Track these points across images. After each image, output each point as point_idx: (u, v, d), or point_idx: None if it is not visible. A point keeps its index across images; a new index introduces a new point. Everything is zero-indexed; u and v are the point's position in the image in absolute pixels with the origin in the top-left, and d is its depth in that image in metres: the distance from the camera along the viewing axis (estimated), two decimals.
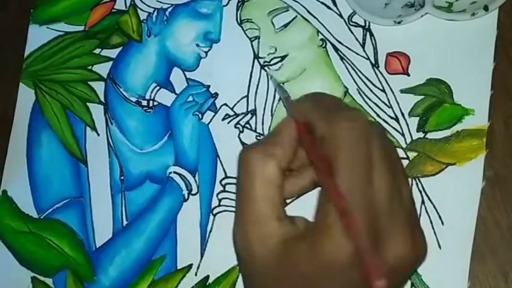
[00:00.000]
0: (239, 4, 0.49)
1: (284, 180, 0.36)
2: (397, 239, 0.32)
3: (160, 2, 0.50)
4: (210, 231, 0.45)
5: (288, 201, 0.37)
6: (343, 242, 0.31)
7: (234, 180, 0.46)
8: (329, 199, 0.32)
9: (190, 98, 0.48)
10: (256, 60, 0.48)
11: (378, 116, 0.45)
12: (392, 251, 0.32)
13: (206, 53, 0.49)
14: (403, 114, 0.44)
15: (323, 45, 0.47)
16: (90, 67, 0.51)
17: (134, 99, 0.49)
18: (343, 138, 0.33)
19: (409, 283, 0.41)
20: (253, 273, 0.36)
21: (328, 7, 0.47)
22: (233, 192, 0.46)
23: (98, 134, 0.49)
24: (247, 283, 0.38)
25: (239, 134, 0.47)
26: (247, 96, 0.47)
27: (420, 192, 0.43)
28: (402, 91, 0.45)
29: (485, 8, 0.43)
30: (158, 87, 0.49)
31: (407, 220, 0.33)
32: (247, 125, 0.47)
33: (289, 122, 0.37)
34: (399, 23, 0.44)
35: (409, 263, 0.33)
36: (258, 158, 0.35)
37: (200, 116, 0.47)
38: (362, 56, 0.46)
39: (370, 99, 0.45)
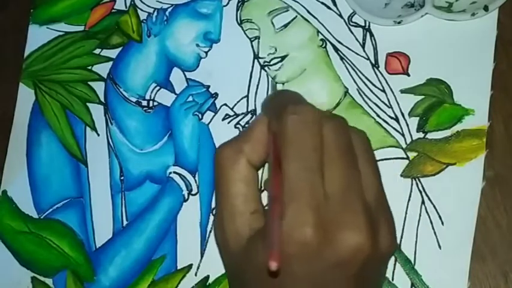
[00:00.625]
0: (239, 4, 0.49)
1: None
2: (351, 229, 0.32)
3: (160, 2, 0.50)
4: (210, 231, 0.45)
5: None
6: (289, 231, 0.32)
7: None
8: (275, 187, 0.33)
9: (190, 98, 0.48)
10: (256, 60, 0.48)
11: (378, 116, 0.45)
12: (344, 240, 0.32)
13: (206, 53, 0.49)
14: (403, 114, 0.44)
15: (323, 45, 0.47)
16: (90, 67, 0.51)
17: (134, 100, 0.49)
18: (287, 131, 0.34)
19: (409, 283, 0.41)
20: (230, 267, 0.38)
21: (328, 7, 0.47)
22: None
23: (98, 134, 0.49)
24: (229, 279, 0.39)
25: None
26: (247, 96, 0.47)
27: (420, 192, 0.43)
28: (402, 91, 0.45)
29: (485, 8, 0.43)
30: (158, 87, 0.49)
31: (365, 212, 0.33)
32: (247, 125, 0.47)
33: (261, 118, 0.38)
34: (399, 23, 0.44)
35: (366, 255, 0.33)
36: (229, 155, 0.36)
37: (200, 116, 0.47)
38: (362, 56, 0.46)
39: (370, 99, 0.45)
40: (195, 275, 0.45)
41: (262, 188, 0.42)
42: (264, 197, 0.37)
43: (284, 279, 0.33)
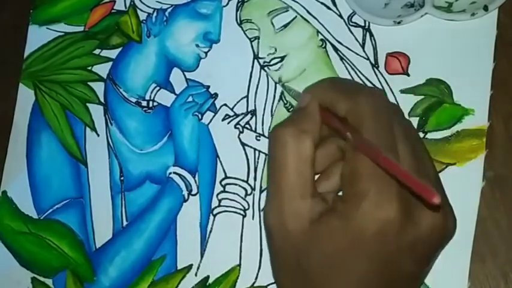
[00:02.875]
0: (239, 4, 0.49)
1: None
2: (426, 208, 0.33)
3: (160, 3, 0.50)
4: (210, 232, 0.45)
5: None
6: (372, 209, 0.31)
7: (234, 181, 0.46)
8: (355, 168, 0.33)
9: (190, 99, 0.48)
10: (256, 60, 0.48)
11: None
12: (425, 218, 0.33)
13: (206, 53, 0.49)
14: None
15: (323, 46, 0.47)
16: (89, 68, 0.51)
17: (134, 100, 0.49)
18: (365, 109, 0.33)
19: None
20: (286, 250, 0.35)
21: (328, 7, 0.47)
22: (233, 193, 0.46)
23: (98, 135, 0.49)
24: (278, 261, 0.37)
25: (239, 135, 0.47)
26: (247, 96, 0.47)
27: None
28: (402, 91, 0.45)
29: (485, 8, 0.43)
30: (158, 88, 0.49)
31: (438, 190, 0.32)
32: (247, 126, 0.47)
33: (311, 99, 0.37)
34: (399, 23, 0.44)
35: (440, 234, 0.33)
36: (292, 134, 0.35)
37: (200, 116, 0.47)
38: (362, 56, 0.46)
39: None
40: (195, 275, 0.45)
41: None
42: None
43: (356, 259, 0.33)
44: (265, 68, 0.47)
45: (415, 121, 0.44)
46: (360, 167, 0.33)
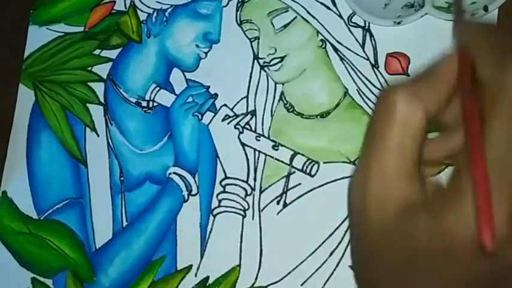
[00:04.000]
0: (239, 5, 0.49)
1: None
2: None
3: (160, 3, 0.50)
4: (210, 232, 0.45)
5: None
6: (471, 214, 0.25)
7: (234, 181, 0.46)
8: (469, 164, 0.26)
9: (190, 99, 0.48)
10: (256, 60, 0.48)
11: None
12: None
13: (206, 53, 0.49)
14: None
15: (323, 46, 0.47)
16: (89, 68, 0.51)
17: (134, 100, 0.49)
18: (509, 91, 0.26)
19: None
20: (363, 238, 0.29)
21: (328, 8, 0.47)
22: (233, 193, 0.46)
23: (98, 135, 0.49)
24: (356, 246, 0.31)
25: (239, 135, 0.47)
26: (247, 96, 0.47)
27: None
28: None
29: (485, 9, 0.43)
30: (158, 88, 0.49)
31: None
32: (247, 126, 0.47)
33: (450, 61, 0.30)
34: (399, 23, 0.44)
35: None
36: (403, 99, 0.28)
37: (200, 116, 0.47)
38: (362, 57, 0.46)
39: (369, 99, 0.45)
40: (195, 275, 0.45)
41: None
42: None
43: (441, 268, 0.27)
44: (265, 68, 0.47)
45: None
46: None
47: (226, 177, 0.46)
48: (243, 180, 0.46)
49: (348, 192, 0.29)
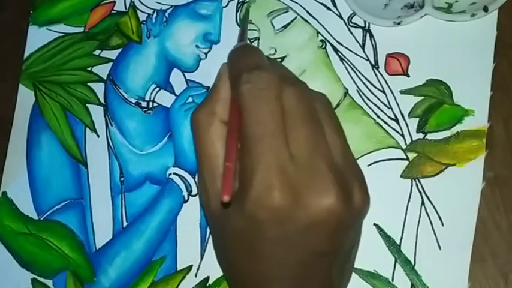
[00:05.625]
0: (239, 5, 0.49)
1: None
2: (321, 192, 0.33)
3: (160, 3, 0.50)
4: (210, 233, 0.45)
5: None
6: (258, 199, 0.32)
7: None
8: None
9: (190, 99, 0.48)
10: None
11: (378, 116, 0.45)
12: (315, 203, 0.33)
13: (206, 54, 0.49)
14: (403, 115, 0.44)
15: (323, 46, 0.47)
16: (89, 68, 0.51)
17: (134, 101, 0.49)
18: (243, 101, 0.34)
19: (409, 284, 0.41)
20: (213, 226, 0.38)
21: (328, 8, 0.47)
22: None
23: (98, 136, 0.49)
24: (212, 239, 0.40)
25: None
26: None
27: (420, 193, 0.43)
28: (402, 92, 0.45)
29: (485, 9, 0.43)
30: (158, 89, 0.49)
31: (334, 173, 0.33)
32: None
33: (225, 76, 0.38)
34: (399, 24, 0.44)
35: (339, 215, 0.33)
36: (203, 117, 0.37)
37: None
38: (362, 57, 0.46)
39: (370, 100, 0.45)
40: (195, 276, 0.45)
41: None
42: None
43: (258, 243, 0.34)
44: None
45: (415, 122, 0.44)
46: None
47: None
48: None
49: (198, 192, 0.40)
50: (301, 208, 0.33)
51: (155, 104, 0.49)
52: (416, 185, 0.43)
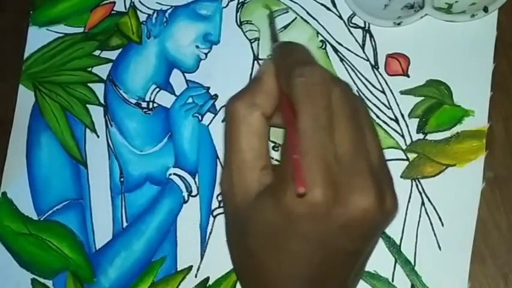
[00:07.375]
0: (239, 6, 0.49)
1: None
2: (360, 192, 0.33)
3: (160, 4, 0.50)
4: (210, 233, 0.45)
5: None
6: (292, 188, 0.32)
7: None
8: (286, 147, 0.34)
9: (190, 100, 0.48)
10: (256, 61, 0.48)
11: (378, 117, 0.45)
12: (354, 203, 0.33)
13: (206, 54, 0.49)
14: (403, 116, 0.44)
15: (323, 47, 0.47)
16: (89, 69, 0.51)
17: (134, 101, 0.49)
18: (296, 94, 0.34)
19: (409, 284, 0.41)
20: (235, 220, 0.37)
21: (328, 8, 0.47)
22: None
23: (98, 136, 0.49)
24: (229, 229, 0.39)
25: None
26: None
27: (420, 193, 0.43)
28: (402, 92, 0.45)
29: (485, 9, 0.43)
30: (158, 89, 0.49)
31: (373, 175, 0.34)
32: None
33: (269, 68, 0.37)
34: (399, 24, 0.44)
35: (374, 217, 0.33)
36: (242, 107, 0.36)
37: (200, 117, 0.47)
38: (362, 58, 0.46)
39: (370, 100, 0.45)
40: (195, 276, 0.45)
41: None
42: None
43: (288, 238, 0.33)
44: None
45: (415, 122, 0.44)
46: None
47: None
48: None
49: (220, 184, 0.38)
50: (340, 206, 0.32)
51: (155, 105, 0.49)
52: (416, 185, 0.43)
